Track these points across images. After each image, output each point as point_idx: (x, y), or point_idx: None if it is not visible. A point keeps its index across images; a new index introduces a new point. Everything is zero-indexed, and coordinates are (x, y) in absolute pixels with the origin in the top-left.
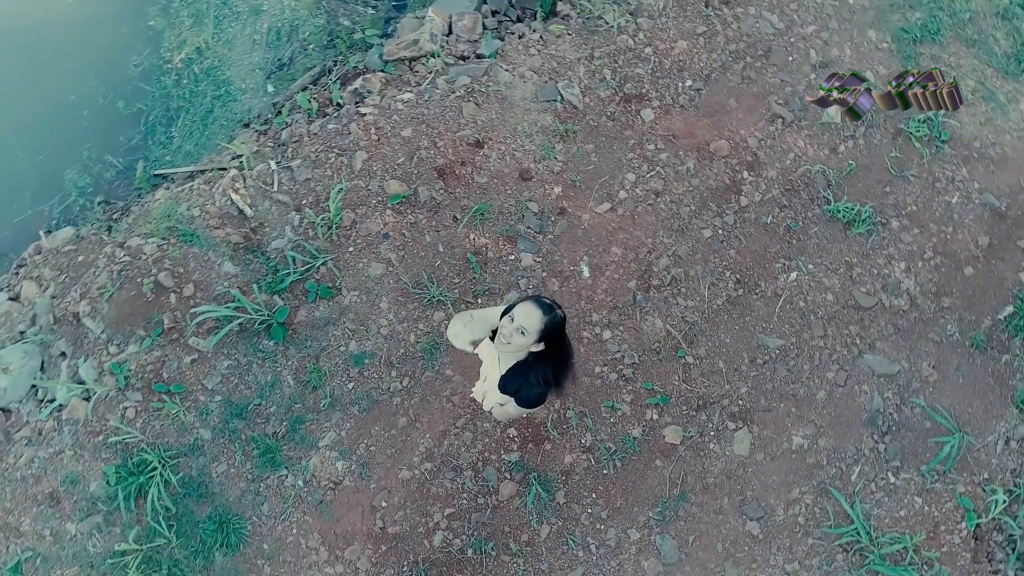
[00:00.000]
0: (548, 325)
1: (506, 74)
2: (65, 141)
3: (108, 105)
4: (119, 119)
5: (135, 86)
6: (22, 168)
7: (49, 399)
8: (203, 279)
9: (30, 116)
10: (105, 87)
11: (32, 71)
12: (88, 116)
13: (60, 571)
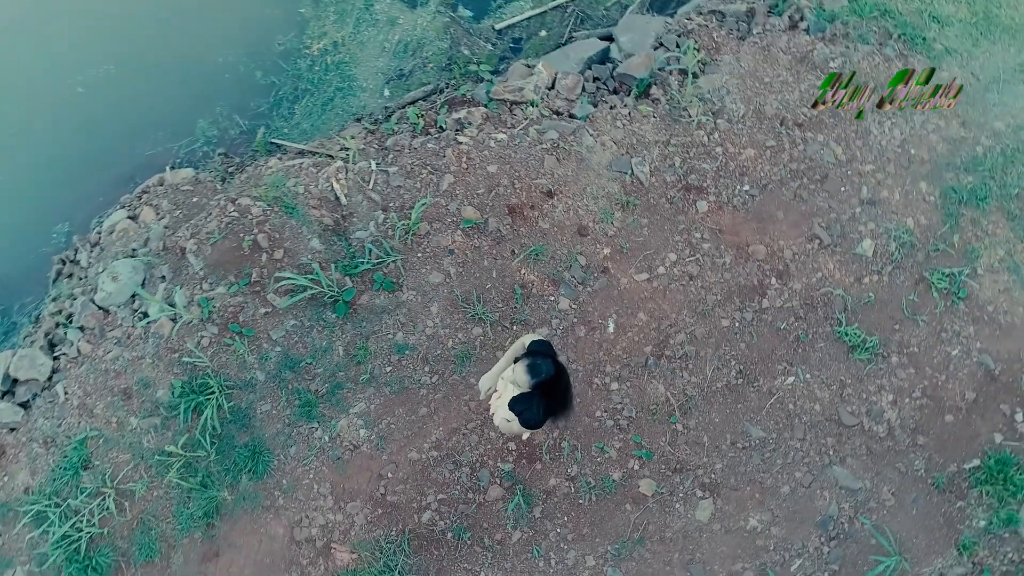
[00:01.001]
0: (536, 385)
1: (590, 138)
2: (205, 95)
3: (247, 73)
4: (253, 87)
5: (274, 62)
6: (163, 109)
7: (143, 312)
8: (293, 248)
9: (184, 68)
10: (248, 57)
11: (195, 31)
12: (228, 79)
13: (116, 455)
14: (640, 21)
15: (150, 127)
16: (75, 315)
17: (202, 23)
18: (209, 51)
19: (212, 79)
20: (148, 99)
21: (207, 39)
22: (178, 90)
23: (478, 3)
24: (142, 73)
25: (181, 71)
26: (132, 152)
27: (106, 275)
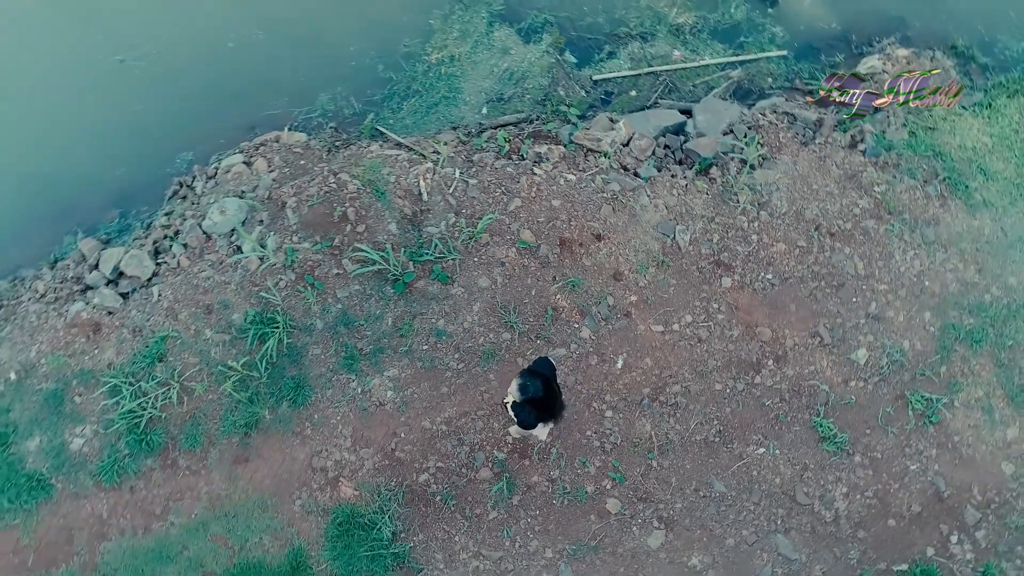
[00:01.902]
0: (524, 400)
1: (646, 198)
2: (331, 74)
3: (371, 65)
4: (373, 77)
5: (396, 61)
6: (293, 77)
7: (238, 245)
8: (373, 226)
9: (320, 47)
10: (375, 51)
11: (337, 18)
12: (353, 66)
13: (187, 356)
14: (719, 105)
15: (278, 90)
16: (182, 233)
17: (344, 13)
18: (345, 38)
19: (340, 62)
20: (283, 66)
21: (345, 27)
22: (310, 65)
23: (583, 52)
24: (284, 44)
25: (317, 49)
26: (259, 107)
27: (216, 207)
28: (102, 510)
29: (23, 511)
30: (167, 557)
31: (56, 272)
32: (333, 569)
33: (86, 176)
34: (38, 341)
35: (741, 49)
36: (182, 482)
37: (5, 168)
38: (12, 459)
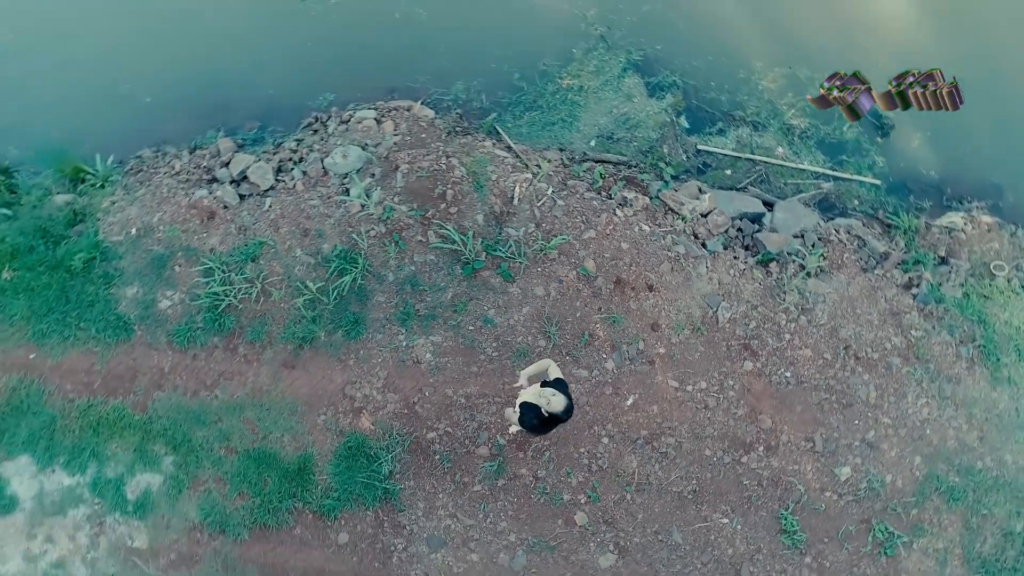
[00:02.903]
0: (539, 423)
1: (704, 269)
2: (472, 67)
3: (508, 71)
4: (507, 82)
5: (532, 74)
6: (439, 59)
7: (347, 188)
8: (464, 211)
9: (471, 41)
10: (516, 61)
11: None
12: (493, 67)
13: (275, 265)
14: (800, 209)
15: (423, 67)
16: (305, 161)
17: (501, 17)
18: (495, 39)
19: (483, 59)
20: (434, 47)
21: (498, 30)
22: (457, 53)
23: (697, 121)
24: (440, 28)
25: (467, 41)
26: (403, 76)
27: (340, 150)
28: (165, 365)
29: (104, 343)
30: (203, 422)
31: (193, 158)
32: (331, 482)
33: (242, 86)
34: (162, 210)
35: (840, 165)
36: (236, 366)
37: (183, 61)
38: (110, 298)
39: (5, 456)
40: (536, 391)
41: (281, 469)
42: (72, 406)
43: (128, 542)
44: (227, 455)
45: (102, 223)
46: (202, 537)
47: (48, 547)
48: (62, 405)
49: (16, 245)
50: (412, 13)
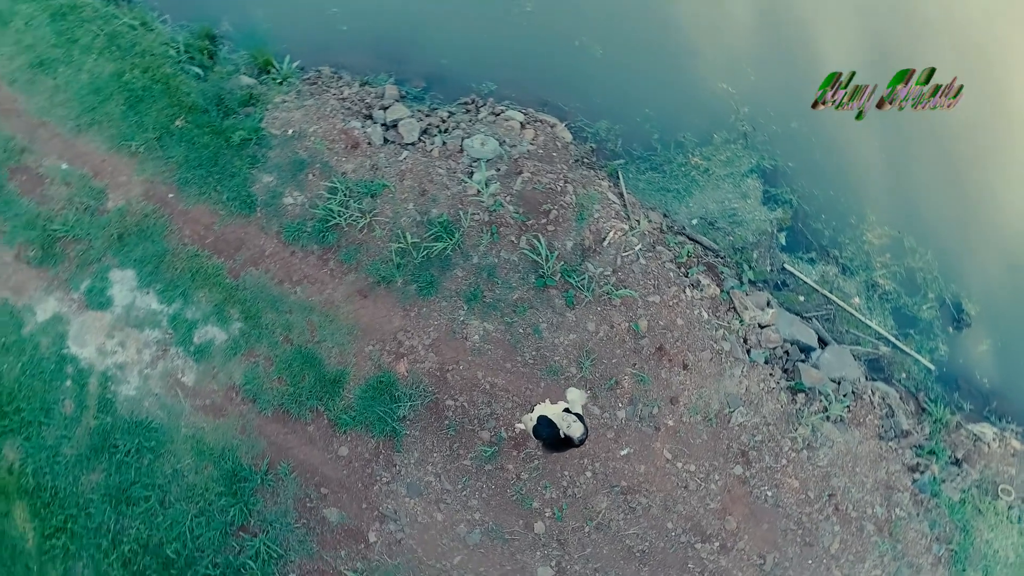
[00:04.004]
0: (546, 435)
1: (739, 371)
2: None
3: (649, 129)
4: (645, 139)
5: (668, 140)
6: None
7: (472, 171)
8: (558, 234)
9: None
10: (660, 124)
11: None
12: (637, 122)
13: (385, 207)
14: (848, 359)
15: (580, 95)
16: (448, 133)
17: (666, 82)
18: (650, 98)
19: (632, 110)
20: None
21: (657, 92)
22: (613, 95)
23: (793, 241)
24: (608, 68)
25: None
26: (559, 94)
27: (481, 137)
28: (267, 249)
29: (228, 210)
30: (276, 308)
31: (360, 91)
32: (354, 402)
33: (425, 47)
34: (319, 124)
35: (904, 336)
36: (321, 275)
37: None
38: (248, 177)
39: (118, 265)
40: (559, 413)
41: (320, 373)
42: (183, 249)
43: (179, 375)
44: (284, 343)
45: (268, 114)
46: (235, 398)
47: (118, 350)
48: (176, 245)
49: (196, 103)
50: (590, 46)
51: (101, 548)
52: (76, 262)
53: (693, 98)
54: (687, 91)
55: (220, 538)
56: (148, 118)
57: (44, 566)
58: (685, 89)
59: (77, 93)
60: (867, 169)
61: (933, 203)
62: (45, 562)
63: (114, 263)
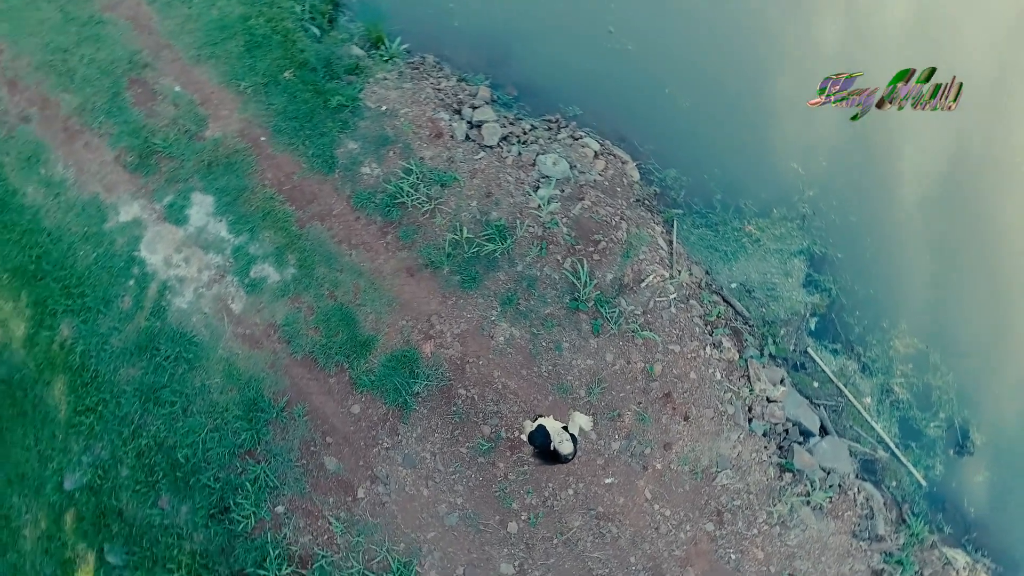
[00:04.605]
0: (538, 443)
1: (735, 436)
2: (692, 167)
3: (713, 189)
4: (706, 195)
5: (729, 203)
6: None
7: (537, 184)
8: (602, 264)
9: (703, 145)
10: (723, 186)
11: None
12: (704, 179)
13: (451, 200)
14: (844, 453)
15: (657, 139)
16: (525, 146)
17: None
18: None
19: (703, 166)
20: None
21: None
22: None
23: (823, 328)
24: (689, 120)
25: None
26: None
27: (554, 156)
28: (335, 209)
29: (311, 165)
30: (330, 265)
31: (456, 86)
32: (376, 367)
33: (526, 58)
34: (411, 108)
35: (904, 447)
36: (377, 245)
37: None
38: (336, 140)
39: (201, 189)
40: (557, 428)
41: (353, 333)
42: (262, 189)
43: (228, 301)
44: (328, 298)
45: (368, 87)
46: (273, 335)
47: (182, 265)
48: (256, 184)
49: (307, 60)
50: (678, 96)
51: (122, 436)
52: (165, 177)
53: (763, 170)
54: (760, 161)
55: (227, 456)
56: (261, 64)
57: (69, 438)
58: (758, 159)
59: (205, 26)
60: (912, 278)
61: (967, 327)
62: (71, 435)
63: (198, 187)
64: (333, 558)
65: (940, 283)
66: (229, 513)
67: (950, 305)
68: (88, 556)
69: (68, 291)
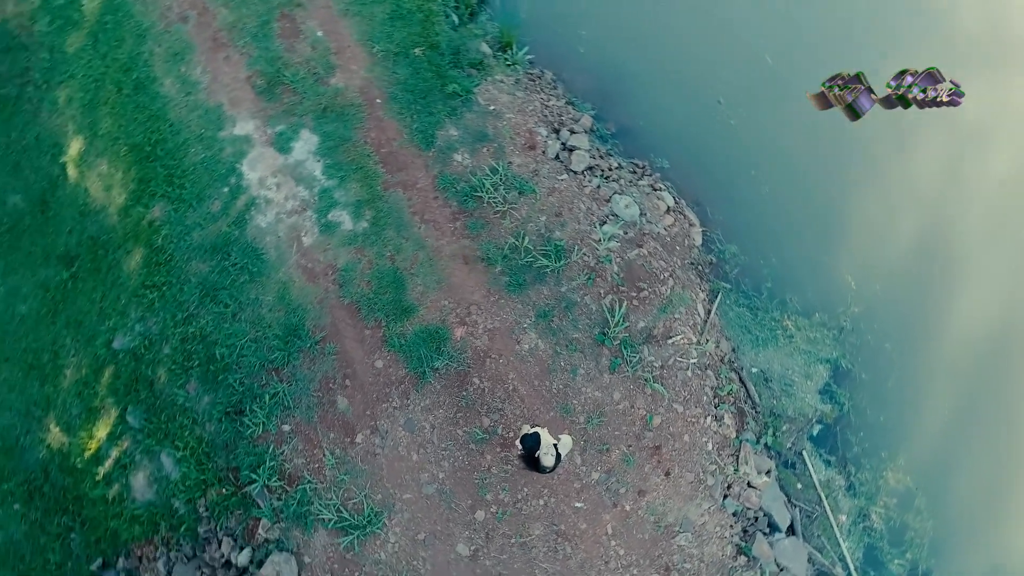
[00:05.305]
0: (526, 451)
1: (705, 506)
2: (750, 248)
3: (764, 275)
4: (755, 279)
5: (776, 293)
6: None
7: (604, 221)
8: (638, 310)
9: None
10: (776, 277)
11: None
12: (760, 263)
13: (523, 207)
14: (802, 557)
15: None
16: (606, 180)
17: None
18: (781, 250)
19: (761, 253)
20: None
21: (792, 252)
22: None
23: (824, 438)
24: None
25: (765, 231)
26: (711, 204)
27: (629, 199)
28: (419, 183)
29: (411, 137)
30: (397, 230)
31: (562, 108)
32: (407, 333)
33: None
34: (515, 115)
35: (862, 572)
36: (445, 226)
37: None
38: (440, 122)
39: (311, 128)
40: (548, 441)
41: (398, 297)
42: (362, 145)
43: (302, 233)
44: (387, 259)
45: (484, 84)
46: (330, 275)
47: (273, 188)
48: (359, 139)
49: (438, 43)
50: (761, 181)
51: (175, 319)
52: (283, 108)
53: (819, 274)
54: (818, 265)
55: (257, 367)
56: (398, 34)
57: (130, 305)
58: (817, 263)
59: None
60: (926, 422)
61: (962, 487)
62: (133, 302)
63: (309, 125)
64: (317, 486)
65: (951, 436)
66: (242, 416)
67: (953, 459)
68: (112, 411)
69: (171, 179)
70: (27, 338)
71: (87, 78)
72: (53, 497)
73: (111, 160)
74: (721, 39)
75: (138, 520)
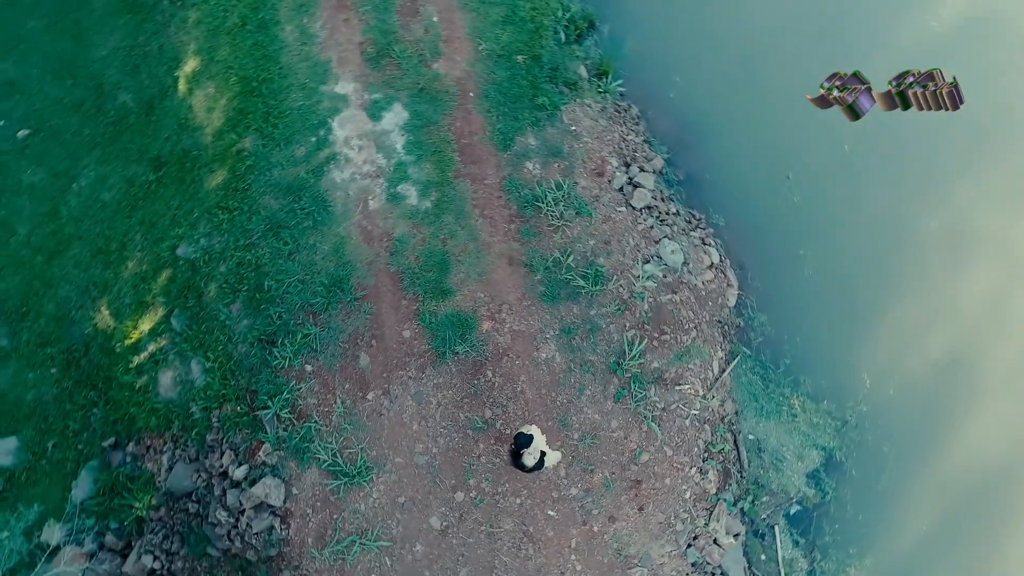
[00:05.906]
0: (516, 446)
1: (668, 549)
2: (775, 315)
3: (786, 350)
4: (776, 352)
5: (792, 371)
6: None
7: (648, 260)
8: (656, 351)
9: (788, 310)
10: (797, 357)
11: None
12: (777, 334)
13: (577, 227)
14: None
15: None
16: (662, 222)
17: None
18: (802, 326)
19: (787, 329)
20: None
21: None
22: (779, 303)
23: (799, 521)
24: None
25: (792, 307)
26: (757, 275)
27: (677, 245)
28: (488, 179)
29: (493, 137)
30: (456, 217)
31: (639, 145)
32: (439, 313)
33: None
34: (593, 140)
35: None
36: (502, 226)
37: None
38: (523, 130)
39: (404, 103)
40: (540, 446)
41: (440, 279)
42: (446, 131)
43: (369, 197)
44: (440, 242)
45: (572, 104)
46: (384, 242)
47: (355, 149)
48: (444, 124)
49: (540, 55)
50: (807, 260)
51: (237, 243)
52: (383, 78)
53: (838, 366)
54: (840, 359)
55: (297, 307)
56: (505, 38)
57: (201, 219)
58: (840, 356)
59: None
60: (904, 533)
61: None
62: (204, 218)
63: (403, 100)
64: (321, 428)
65: (923, 552)
66: (273, 347)
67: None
68: (160, 310)
69: (268, 116)
70: (103, 224)
71: (218, 6)
72: (87, 371)
73: (219, 85)
74: (807, 120)
75: (156, 413)
